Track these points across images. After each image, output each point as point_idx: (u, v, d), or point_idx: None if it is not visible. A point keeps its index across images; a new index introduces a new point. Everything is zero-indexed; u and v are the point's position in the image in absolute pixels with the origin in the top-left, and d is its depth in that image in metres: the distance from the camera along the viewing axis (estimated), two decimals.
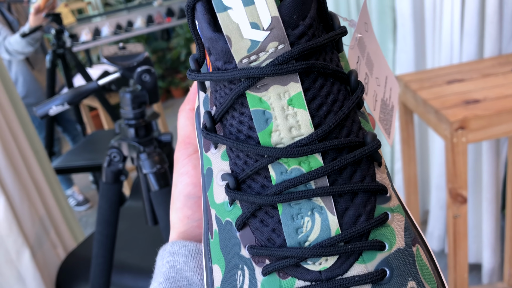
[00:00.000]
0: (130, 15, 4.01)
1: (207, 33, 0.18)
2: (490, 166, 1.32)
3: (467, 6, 1.24)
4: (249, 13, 0.16)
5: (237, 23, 0.17)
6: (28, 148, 1.12)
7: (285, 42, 0.17)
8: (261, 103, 0.18)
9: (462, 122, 0.89)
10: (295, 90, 0.18)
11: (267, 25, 0.17)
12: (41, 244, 1.07)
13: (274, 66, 0.17)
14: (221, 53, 0.18)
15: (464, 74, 1.10)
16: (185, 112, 0.29)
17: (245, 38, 0.17)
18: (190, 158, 0.28)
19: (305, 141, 0.18)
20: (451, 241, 1.01)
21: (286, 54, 0.17)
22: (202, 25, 0.18)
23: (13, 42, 1.82)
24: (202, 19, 0.19)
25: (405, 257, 0.18)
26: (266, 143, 0.18)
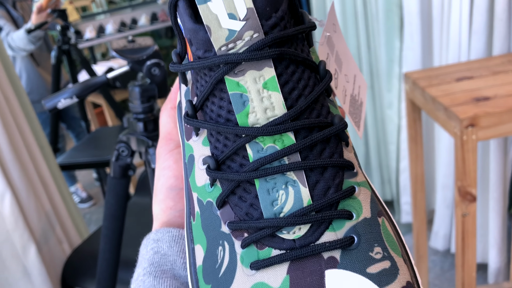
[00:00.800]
0: (134, 13, 4.01)
1: (189, 24, 0.20)
2: (497, 165, 1.31)
3: (475, 4, 1.23)
4: (227, 4, 0.18)
5: (216, 14, 0.18)
6: (34, 144, 1.12)
7: (259, 31, 0.19)
8: (238, 87, 0.20)
9: (472, 120, 0.88)
10: (269, 74, 0.19)
11: (243, 15, 0.18)
12: (47, 240, 1.06)
13: (250, 52, 0.19)
14: (202, 43, 0.20)
15: (473, 72, 1.10)
16: (167, 111, 0.30)
17: (223, 27, 0.19)
18: (172, 153, 0.29)
19: (278, 121, 0.19)
20: (459, 239, 1.00)
21: (260, 42, 0.19)
22: (184, 19, 0.20)
23: (16, 38, 1.82)
24: (184, 13, 0.20)
25: (371, 226, 0.20)
26: (244, 124, 0.20)
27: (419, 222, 1.36)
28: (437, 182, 1.56)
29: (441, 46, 1.41)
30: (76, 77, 1.87)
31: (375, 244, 0.20)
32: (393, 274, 0.19)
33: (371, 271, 0.19)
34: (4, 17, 1.88)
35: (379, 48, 1.66)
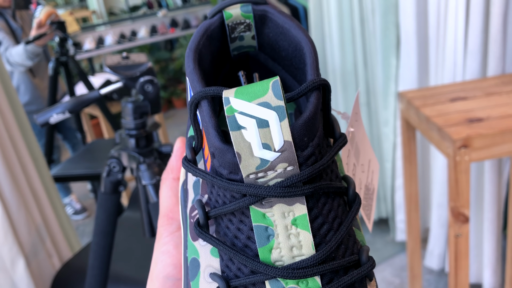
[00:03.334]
0: (134, 25, 4.03)
1: (215, 142, 0.18)
2: (492, 186, 1.31)
3: (471, 25, 1.24)
4: (263, 134, 0.17)
5: (249, 142, 0.17)
6: (27, 156, 1.11)
7: (294, 164, 0.18)
8: (264, 219, 0.18)
9: (465, 141, 0.88)
10: (300, 211, 0.18)
11: (279, 147, 0.17)
12: (37, 253, 1.05)
13: (282, 188, 0.17)
14: (228, 164, 0.18)
15: (467, 92, 1.10)
16: (169, 182, 0.28)
17: (255, 156, 0.17)
18: (173, 236, 0.26)
19: (305, 263, 0.18)
20: (452, 260, 0.99)
21: (295, 177, 0.18)
22: (209, 131, 0.19)
23: (14, 54, 1.83)
24: (208, 122, 0.19)
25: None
26: (265, 259, 0.18)
27: (414, 241, 1.36)
28: (432, 201, 1.56)
29: (437, 65, 1.42)
30: (73, 89, 1.87)
31: None
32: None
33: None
34: (3, 29, 1.89)
35: (376, 65, 1.67)
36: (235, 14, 0.23)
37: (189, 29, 4.05)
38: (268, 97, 0.17)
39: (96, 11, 5.03)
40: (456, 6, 1.26)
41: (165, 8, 4.70)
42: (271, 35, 0.23)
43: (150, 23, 4.04)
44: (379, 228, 1.90)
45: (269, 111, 0.17)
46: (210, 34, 0.23)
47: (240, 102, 0.17)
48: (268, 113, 0.17)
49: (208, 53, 0.23)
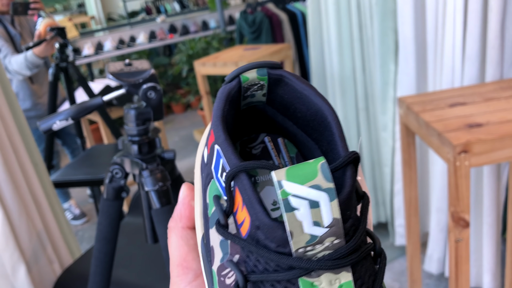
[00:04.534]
0: (133, 31, 4.04)
1: (263, 218, 0.20)
2: (491, 190, 1.32)
3: (469, 31, 1.25)
4: (314, 214, 0.18)
5: (301, 221, 0.19)
6: (28, 161, 1.11)
7: (341, 237, 0.19)
8: (312, 287, 0.20)
9: (465, 146, 0.89)
10: (346, 278, 0.20)
11: (328, 223, 0.19)
12: (38, 260, 1.05)
13: (331, 261, 0.19)
14: (276, 239, 0.20)
15: (466, 98, 1.11)
16: (178, 230, 0.27)
17: (305, 233, 0.19)
18: (191, 286, 0.26)
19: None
20: (452, 265, 1.00)
21: (343, 249, 0.19)
22: (254, 206, 0.20)
23: (13, 62, 1.84)
24: (252, 197, 0.20)
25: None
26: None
27: (413, 246, 1.36)
28: (431, 205, 1.57)
29: (435, 71, 1.43)
30: (73, 95, 1.87)
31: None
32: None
33: None
34: (1, 35, 1.90)
35: (374, 71, 1.68)
36: (252, 77, 0.24)
37: (187, 35, 4.06)
38: (318, 180, 0.18)
39: (95, 17, 5.04)
40: (454, 12, 1.27)
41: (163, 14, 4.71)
42: (286, 96, 0.25)
43: (149, 28, 4.05)
44: (378, 232, 1.90)
45: (320, 193, 0.18)
46: (231, 99, 0.24)
47: (293, 185, 0.18)
48: (319, 194, 0.18)
49: (230, 117, 0.25)
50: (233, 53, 2.42)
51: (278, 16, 3.17)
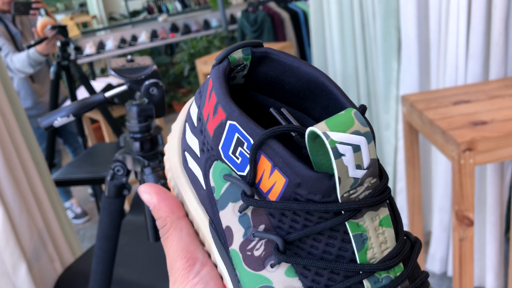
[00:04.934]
0: (134, 30, 4.04)
1: (307, 172, 0.21)
2: (494, 189, 1.31)
3: (472, 28, 1.25)
4: (356, 158, 0.20)
5: (347, 166, 0.20)
6: (29, 160, 1.11)
7: (376, 177, 0.21)
8: (358, 228, 0.22)
9: (469, 144, 0.88)
10: (384, 213, 0.22)
11: (367, 165, 0.21)
12: (39, 258, 1.05)
13: (373, 198, 0.21)
14: (322, 190, 0.21)
15: (470, 95, 1.10)
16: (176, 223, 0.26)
17: (350, 177, 0.21)
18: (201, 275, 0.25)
19: (393, 253, 0.22)
20: (456, 264, 0.99)
21: (380, 187, 0.22)
22: (294, 164, 0.21)
23: (15, 60, 1.84)
24: (289, 157, 0.21)
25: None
26: (363, 261, 0.21)
27: None
28: (434, 204, 1.56)
29: (438, 69, 1.42)
30: (74, 93, 1.87)
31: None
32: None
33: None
34: (3, 34, 1.90)
35: (377, 69, 1.67)
36: (238, 57, 0.25)
37: (189, 34, 4.06)
38: (356, 126, 0.20)
39: (97, 16, 5.04)
40: (457, 9, 1.26)
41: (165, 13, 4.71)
42: (272, 73, 0.26)
43: (150, 28, 4.05)
44: None
45: (360, 137, 0.20)
46: (226, 79, 0.25)
47: (337, 134, 0.20)
48: (359, 139, 0.20)
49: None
50: None
51: (280, 15, 3.16)
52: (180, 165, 0.28)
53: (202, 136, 0.25)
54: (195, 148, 0.26)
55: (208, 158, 0.25)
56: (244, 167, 0.23)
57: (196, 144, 0.26)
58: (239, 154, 0.23)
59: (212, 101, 0.24)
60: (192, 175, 0.26)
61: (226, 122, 0.23)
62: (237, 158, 0.23)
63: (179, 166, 0.28)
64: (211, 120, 0.24)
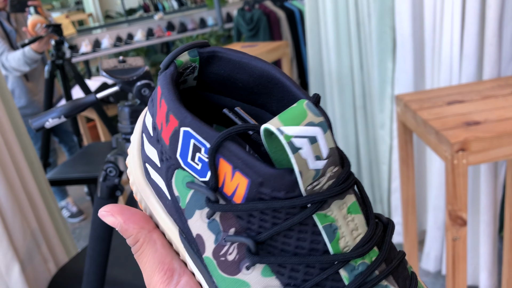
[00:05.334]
0: (130, 28, 4.03)
1: (268, 170, 0.21)
2: (488, 188, 1.31)
3: (466, 28, 1.25)
4: (314, 149, 0.20)
5: (305, 159, 0.20)
6: (23, 159, 1.10)
7: (338, 165, 0.21)
8: (326, 218, 0.21)
9: (463, 144, 0.89)
10: (351, 200, 0.22)
11: (326, 154, 0.20)
12: (32, 259, 1.04)
13: (337, 187, 0.21)
14: (284, 185, 0.21)
15: (464, 96, 1.10)
16: (148, 237, 0.25)
17: (310, 169, 0.20)
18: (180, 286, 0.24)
19: (365, 239, 0.22)
20: (450, 263, 0.99)
21: (343, 175, 0.21)
22: (254, 164, 0.21)
23: (11, 59, 1.83)
24: (248, 157, 0.21)
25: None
26: (337, 251, 0.21)
27: (410, 244, 1.36)
28: (429, 203, 1.56)
29: (433, 69, 1.42)
30: (69, 92, 1.86)
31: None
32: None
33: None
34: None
35: (372, 69, 1.67)
36: (185, 60, 0.25)
37: (185, 32, 4.05)
38: (310, 117, 0.20)
39: (93, 14, 5.02)
40: (452, 10, 1.26)
41: (161, 11, 4.70)
42: (222, 71, 0.26)
43: (146, 26, 4.04)
44: None
45: (315, 128, 0.20)
46: (174, 85, 0.25)
47: (291, 128, 0.20)
48: (314, 130, 0.20)
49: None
50: None
51: (276, 13, 3.16)
52: (143, 178, 0.27)
53: (159, 145, 0.24)
54: (154, 159, 0.25)
55: (169, 168, 0.24)
56: (205, 172, 0.23)
57: (155, 154, 0.25)
58: (198, 160, 0.23)
59: (163, 109, 0.23)
60: (156, 187, 0.26)
61: (180, 129, 0.23)
62: (197, 164, 0.23)
63: (142, 178, 0.27)
64: (165, 128, 0.24)
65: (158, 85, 0.24)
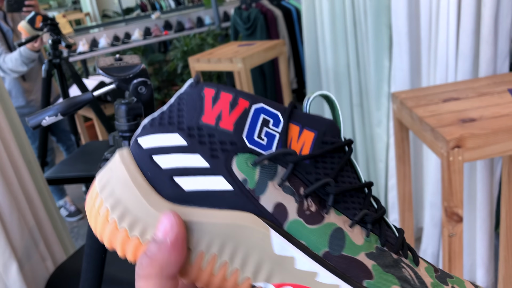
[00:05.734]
0: (127, 27, 4.02)
1: (327, 121, 0.27)
2: (484, 185, 1.32)
3: (462, 26, 1.25)
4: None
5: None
6: (20, 159, 1.11)
7: None
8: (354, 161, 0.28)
9: (458, 141, 0.89)
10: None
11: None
12: (30, 257, 1.04)
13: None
14: (337, 132, 0.27)
15: (460, 93, 1.11)
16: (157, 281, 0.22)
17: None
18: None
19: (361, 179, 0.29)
20: (446, 260, 1.00)
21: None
22: (318, 119, 0.27)
23: (8, 60, 1.83)
24: (313, 116, 0.27)
25: None
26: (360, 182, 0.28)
27: (407, 241, 1.36)
28: (425, 200, 1.57)
29: (429, 66, 1.43)
30: (67, 91, 1.86)
31: None
32: None
33: None
34: None
35: (368, 67, 1.68)
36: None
37: (182, 31, 4.05)
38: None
39: (90, 14, 5.02)
40: (447, 8, 1.27)
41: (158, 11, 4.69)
42: None
43: (143, 25, 4.03)
44: None
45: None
46: None
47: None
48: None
49: None
50: (227, 50, 2.41)
51: (273, 12, 3.16)
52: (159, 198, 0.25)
53: (207, 143, 0.25)
54: (197, 163, 0.25)
55: (228, 156, 0.25)
56: (271, 145, 0.26)
57: (199, 159, 0.25)
58: (264, 135, 0.26)
59: (225, 99, 0.26)
60: (201, 193, 0.25)
61: (251, 108, 0.26)
62: (263, 140, 0.26)
63: (166, 202, 0.25)
64: (227, 117, 0.25)
65: (204, 87, 0.26)
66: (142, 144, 0.25)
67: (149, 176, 0.25)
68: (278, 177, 0.25)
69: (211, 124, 0.25)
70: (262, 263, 0.24)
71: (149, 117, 0.26)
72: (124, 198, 0.24)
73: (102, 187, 0.25)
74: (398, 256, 0.27)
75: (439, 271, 0.28)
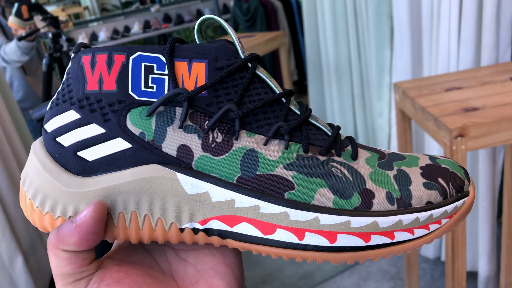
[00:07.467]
0: (127, 21, 4.01)
1: (215, 45, 0.26)
2: (486, 174, 1.32)
3: (464, 15, 1.25)
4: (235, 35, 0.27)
5: (233, 36, 0.27)
6: (23, 152, 1.11)
7: None
8: (262, 73, 0.27)
9: (461, 130, 0.89)
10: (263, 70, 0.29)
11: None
12: (35, 250, 1.05)
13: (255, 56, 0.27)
14: (232, 52, 0.26)
15: (462, 82, 1.11)
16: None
17: (236, 42, 0.27)
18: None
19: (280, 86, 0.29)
20: (449, 249, 1.00)
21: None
22: (204, 47, 0.26)
23: (8, 52, 1.83)
24: (197, 46, 0.26)
25: None
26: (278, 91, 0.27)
27: None
28: None
29: (431, 56, 1.42)
30: None
31: None
32: None
33: None
34: None
35: (369, 57, 1.67)
36: None
37: (182, 24, 4.03)
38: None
39: (89, 7, 4.99)
40: None
41: (158, 4, 4.67)
42: None
43: (143, 18, 4.02)
44: None
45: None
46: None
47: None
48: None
49: None
50: None
51: (273, 3, 3.14)
52: (72, 176, 0.26)
53: (98, 110, 0.25)
54: (94, 132, 0.25)
55: (119, 116, 0.25)
56: (162, 90, 0.25)
57: (94, 128, 0.25)
58: (152, 83, 0.25)
59: (101, 60, 0.25)
60: (103, 160, 0.25)
61: (129, 60, 0.25)
62: (151, 88, 0.25)
63: (69, 177, 0.26)
64: (107, 78, 0.25)
65: (82, 56, 0.26)
66: (47, 129, 0.26)
67: (57, 157, 0.26)
68: (177, 119, 0.25)
69: (95, 90, 0.25)
70: (180, 206, 0.25)
71: (49, 101, 0.27)
72: (40, 185, 0.26)
73: (23, 181, 0.27)
74: (329, 156, 0.26)
75: (387, 156, 0.28)
